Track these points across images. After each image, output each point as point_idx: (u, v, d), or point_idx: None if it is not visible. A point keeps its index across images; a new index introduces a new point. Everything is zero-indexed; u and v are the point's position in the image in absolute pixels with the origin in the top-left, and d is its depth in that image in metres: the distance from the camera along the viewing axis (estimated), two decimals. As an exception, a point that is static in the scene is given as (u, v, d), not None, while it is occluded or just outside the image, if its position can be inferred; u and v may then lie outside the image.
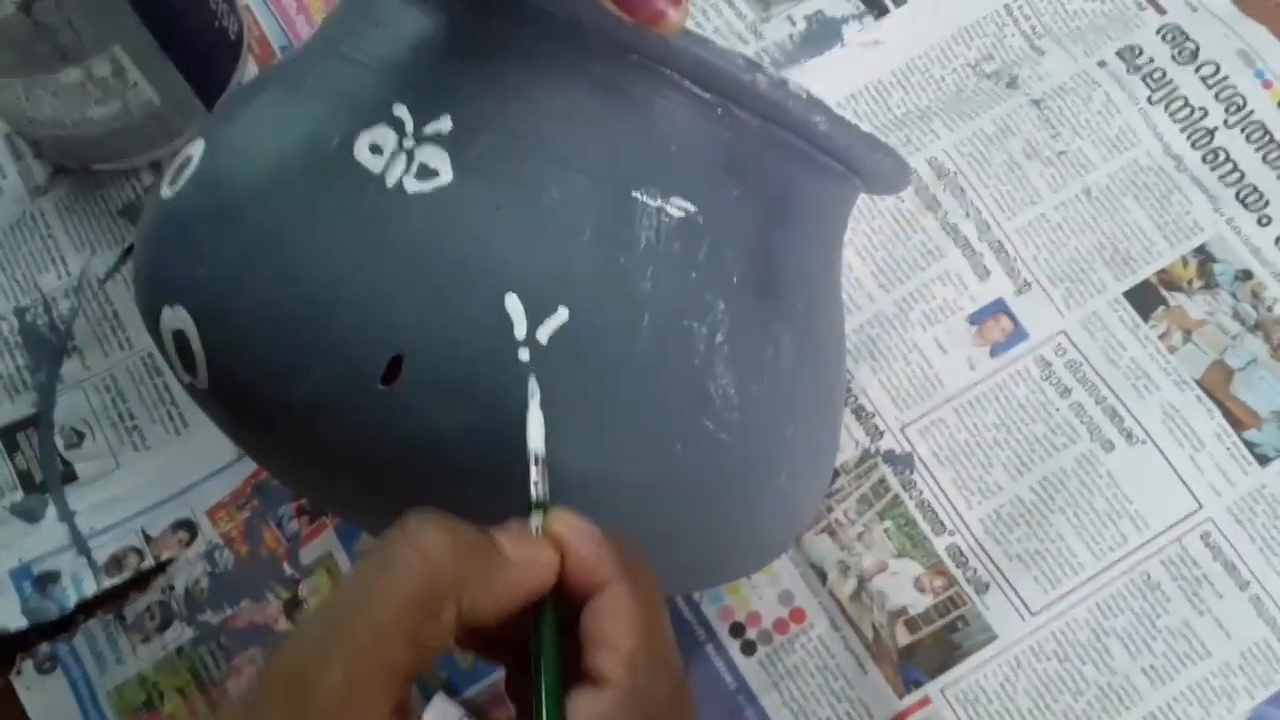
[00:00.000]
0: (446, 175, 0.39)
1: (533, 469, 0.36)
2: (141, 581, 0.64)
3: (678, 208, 0.41)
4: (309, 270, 0.39)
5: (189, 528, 0.65)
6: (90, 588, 0.64)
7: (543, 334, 0.38)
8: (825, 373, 0.47)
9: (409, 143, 0.40)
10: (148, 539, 0.65)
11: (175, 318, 0.42)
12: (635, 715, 0.32)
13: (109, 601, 0.64)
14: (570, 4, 0.39)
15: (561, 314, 0.38)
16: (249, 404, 0.42)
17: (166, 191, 0.44)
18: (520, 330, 0.38)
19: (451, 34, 0.42)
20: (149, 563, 0.64)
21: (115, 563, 0.64)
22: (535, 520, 0.35)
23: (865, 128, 0.45)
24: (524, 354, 0.38)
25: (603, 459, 0.39)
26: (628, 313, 0.39)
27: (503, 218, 0.39)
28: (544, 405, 0.38)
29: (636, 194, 0.40)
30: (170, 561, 0.64)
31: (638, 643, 0.33)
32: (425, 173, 0.39)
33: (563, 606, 0.34)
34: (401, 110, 0.40)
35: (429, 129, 0.40)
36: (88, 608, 0.64)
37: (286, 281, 0.39)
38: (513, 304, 0.38)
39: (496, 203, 0.39)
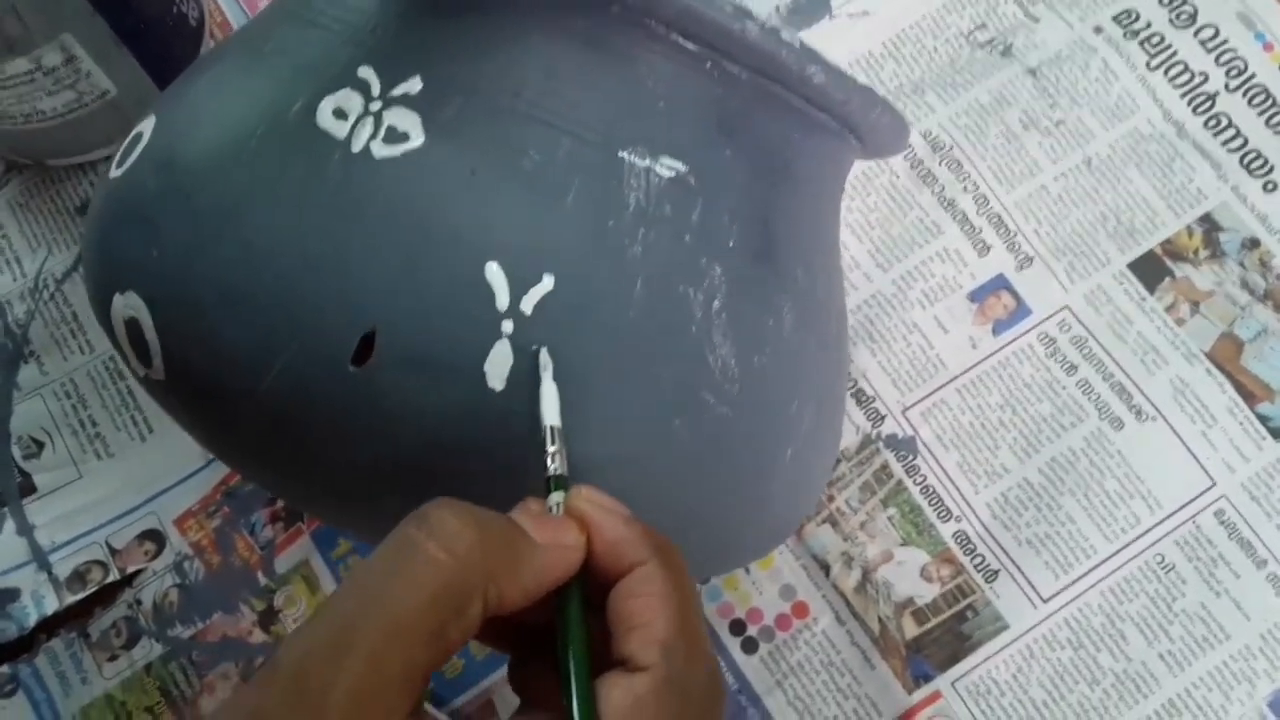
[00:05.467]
0: (418, 138, 0.36)
1: (549, 444, 0.33)
2: (106, 596, 0.60)
3: (668, 168, 0.38)
4: (270, 245, 0.36)
5: (156, 538, 0.61)
6: (52, 605, 0.60)
7: (527, 304, 0.35)
8: (829, 345, 0.44)
9: (376, 105, 0.37)
10: (112, 551, 0.61)
11: (127, 304, 0.39)
12: (673, 704, 0.30)
13: (72, 619, 0.60)
14: (549, -46, 0.37)
15: (547, 282, 0.35)
16: (210, 395, 0.39)
17: (115, 171, 0.41)
18: (502, 301, 0.35)
19: (421, -10, 0.39)
20: (114, 576, 0.61)
21: (78, 577, 0.60)
22: (555, 498, 0.33)
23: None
24: (507, 326, 0.35)
25: (596, 437, 0.36)
26: (618, 279, 0.37)
27: (480, 181, 0.36)
28: (528, 380, 0.35)
29: (623, 154, 0.37)
30: (137, 574, 0.61)
31: (674, 627, 0.31)
32: (394, 136, 0.36)
33: (584, 587, 0.32)
34: (368, 72, 0.37)
35: (398, 90, 0.37)
36: (49, 626, 0.60)
37: (246, 258, 0.36)
38: (493, 273, 0.35)
39: (472, 166, 0.36)
